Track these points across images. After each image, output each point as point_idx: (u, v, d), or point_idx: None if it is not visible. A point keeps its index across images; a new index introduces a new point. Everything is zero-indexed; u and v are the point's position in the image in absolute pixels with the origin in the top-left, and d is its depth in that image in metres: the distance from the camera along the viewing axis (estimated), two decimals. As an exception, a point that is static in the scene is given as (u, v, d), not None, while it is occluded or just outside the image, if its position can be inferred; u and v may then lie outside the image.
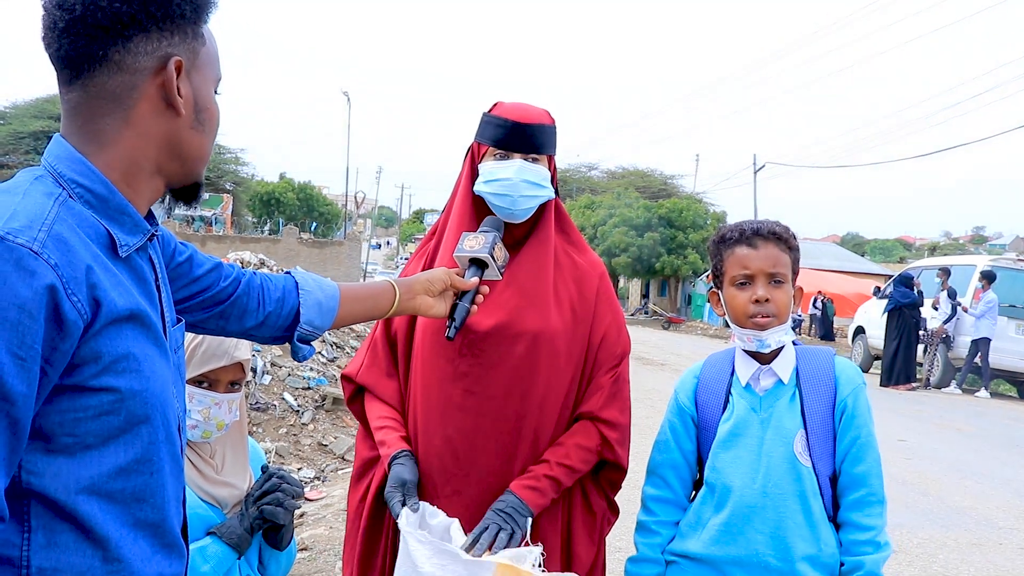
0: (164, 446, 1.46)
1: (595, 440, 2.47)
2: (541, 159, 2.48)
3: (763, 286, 2.37)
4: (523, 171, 2.42)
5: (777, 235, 2.40)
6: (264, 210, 55.48)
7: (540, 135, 2.47)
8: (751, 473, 2.35)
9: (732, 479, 2.38)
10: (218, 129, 1.60)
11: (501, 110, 2.50)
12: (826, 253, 46.60)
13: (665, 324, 36.43)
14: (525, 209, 2.46)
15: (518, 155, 2.44)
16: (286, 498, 2.36)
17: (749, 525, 2.34)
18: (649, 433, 2.79)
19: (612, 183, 55.64)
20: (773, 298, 2.36)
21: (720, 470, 2.41)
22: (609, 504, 2.60)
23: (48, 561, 1.33)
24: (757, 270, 2.38)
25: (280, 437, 8.54)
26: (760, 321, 2.36)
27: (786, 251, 2.40)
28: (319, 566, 5.42)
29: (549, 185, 2.49)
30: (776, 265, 2.37)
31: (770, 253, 2.38)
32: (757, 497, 2.33)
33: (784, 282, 2.38)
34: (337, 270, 40.66)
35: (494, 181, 2.44)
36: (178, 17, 1.46)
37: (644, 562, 2.51)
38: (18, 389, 1.24)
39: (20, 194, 1.35)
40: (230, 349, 2.33)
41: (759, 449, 2.36)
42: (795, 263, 2.42)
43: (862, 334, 19.50)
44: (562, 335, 2.46)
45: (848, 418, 2.35)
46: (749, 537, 2.33)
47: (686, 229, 40.88)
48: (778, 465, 2.33)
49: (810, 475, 2.33)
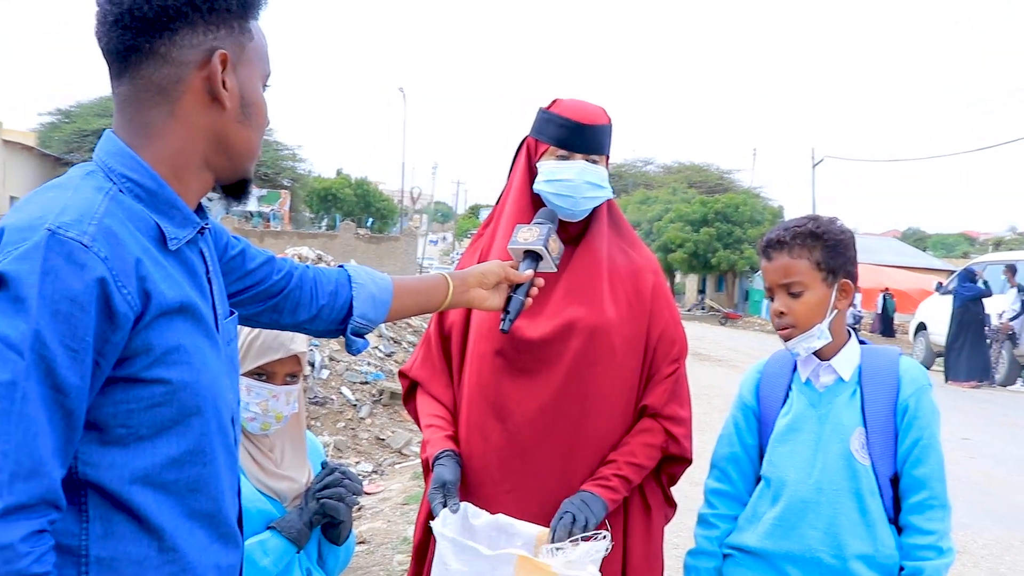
0: (217, 437, 1.47)
1: (660, 437, 2.47)
2: (600, 159, 2.47)
3: (779, 299, 2.35)
4: (585, 172, 2.42)
5: (801, 236, 2.33)
6: (321, 206, 55.96)
7: (600, 136, 2.46)
8: (806, 468, 2.33)
9: (787, 473, 2.35)
10: (267, 124, 1.61)
11: (561, 108, 2.48)
12: (886, 248, 45.91)
13: (722, 320, 36.17)
14: (584, 209, 2.46)
15: (580, 156, 2.44)
16: (347, 494, 2.36)
17: (803, 520, 2.31)
18: (706, 429, 2.77)
19: (668, 178, 55.27)
20: (789, 310, 2.32)
21: (776, 464, 2.39)
22: (666, 497, 2.59)
23: (106, 551, 1.36)
24: (772, 283, 2.36)
25: (338, 431, 8.62)
26: (781, 333, 2.36)
27: (809, 253, 2.32)
28: (377, 559, 5.47)
29: (608, 185, 2.48)
30: (789, 275, 2.32)
31: (782, 264, 2.33)
32: (811, 492, 2.30)
33: (803, 291, 2.31)
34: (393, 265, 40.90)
35: (556, 181, 2.43)
36: (224, 11, 1.47)
37: (702, 555, 2.51)
38: (72, 381, 1.26)
39: (71, 189, 1.37)
40: (286, 342, 2.34)
41: (816, 444, 2.33)
42: (830, 260, 2.32)
43: (924, 330, 19.16)
44: (618, 331, 2.45)
45: (910, 419, 2.29)
46: (803, 532, 2.30)
47: (743, 224, 40.46)
48: (834, 461, 2.30)
49: (867, 474, 2.29)
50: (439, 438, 2.50)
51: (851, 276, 2.36)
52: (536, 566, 2.09)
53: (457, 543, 2.14)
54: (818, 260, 2.31)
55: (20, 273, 1.24)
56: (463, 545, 2.13)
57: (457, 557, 2.13)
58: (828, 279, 2.32)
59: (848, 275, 2.35)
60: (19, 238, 1.27)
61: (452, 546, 2.15)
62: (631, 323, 2.48)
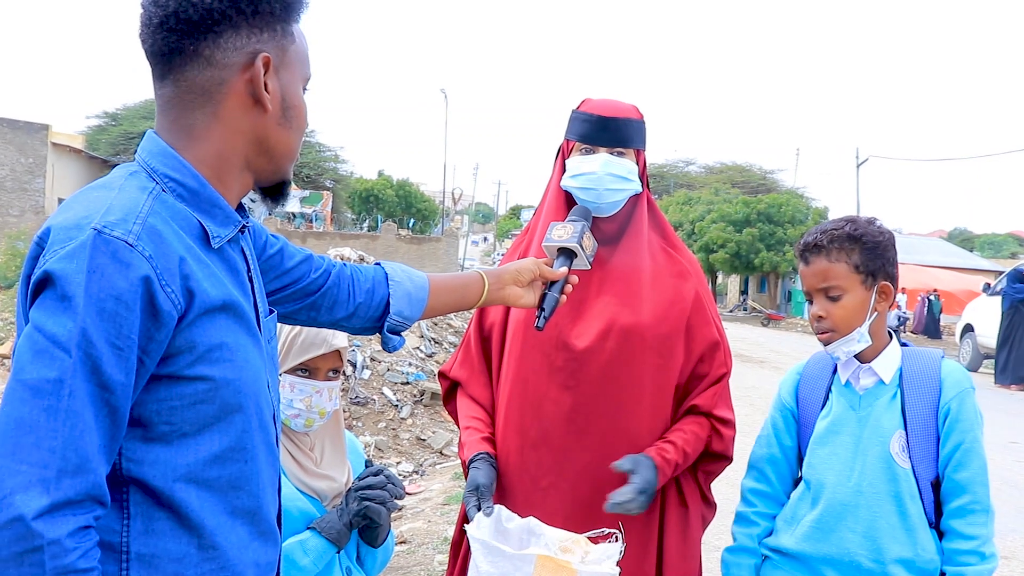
0: (258, 434, 1.49)
1: (707, 431, 2.48)
2: (627, 153, 2.46)
3: (818, 303, 2.32)
4: (608, 165, 2.42)
5: (839, 239, 2.30)
6: (363, 207, 56.26)
7: (625, 128, 2.46)
8: (846, 471, 2.30)
9: (826, 475, 2.33)
10: (306, 127, 1.62)
11: (587, 106, 2.50)
12: (932, 249, 45.33)
13: (764, 321, 35.84)
14: (611, 203, 2.45)
15: (603, 149, 2.44)
16: (389, 499, 2.37)
17: (842, 523, 2.28)
18: (748, 431, 2.75)
19: (710, 178, 54.99)
20: (828, 314, 2.30)
21: (815, 466, 2.37)
22: (703, 496, 2.58)
23: (147, 547, 1.37)
24: (810, 287, 2.34)
25: (379, 431, 8.66)
26: (820, 337, 2.34)
27: (847, 256, 2.28)
28: (418, 559, 5.49)
29: (636, 178, 2.47)
30: (827, 279, 2.29)
31: (819, 268, 2.31)
32: (851, 495, 2.28)
33: (842, 294, 2.28)
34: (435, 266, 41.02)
35: (580, 175, 2.44)
36: (267, 14, 1.48)
37: (741, 551, 2.49)
38: (117, 378, 1.28)
39: (115, 189, 1.39)
40: (328, 337, 2.36)
41: (855, 447, 2.31)
42: (869, 262, 2.28)
43: (971, 332, 18.82)
44: (656, 332, 2.45)
45: (952, 422, 2.25)
46: (841, 535, 2.28)
47: (785, 224, 40.11)
48: (873, 464, 2.27)
49: (907, 477, 2.26)
50: (475, 440, 2.51)
51: (891, 278, 2.33)
52: (557, 564, 2.09)
53: (487, 545, 2.15)
54: (856, 263, 2.28)
55: (67, 272, 1.26)
56: (491, 547, 2.15)
57: (486, 559, 2.14)
58: (867, 282, 2.29)
59: (888, 277, 2.32)
60: (66, 237, 1.29)
61: (482, 548, 2.16)
62: (668, 325, 2.47)
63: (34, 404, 1.24)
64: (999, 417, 11.24)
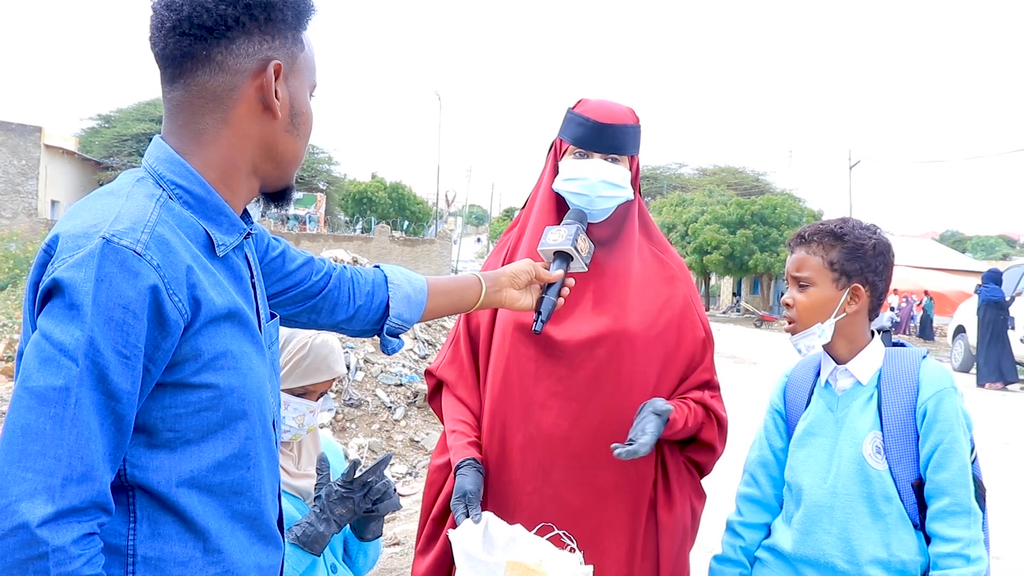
0: (261, 441, 1.50)
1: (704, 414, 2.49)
2: (621, 159, 2.46)
3: (790, 290, 2.36)
4: (602, 171, 2.41)
5: (822, 234, 2.33)
6: (356, 209, 56.18)
7: (621, 136, 2.45)
8: (822, 472, 2.31)
9: (803, 477, 2.35)
10: (311, 134, 1.63)
11: (584, 108, 2.48)
12: (923, 250, 45.36)
13: (757, 322, 35.88)
14: (602, 209, 2.45)
15: (598, 155, 2.44)
16: (387, 510, 2.38)
17: (818, 525, 2.30)
18: (739, 432, 2.76)
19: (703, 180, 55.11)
20: (794, 302, 2.33)
21: (795, 468, 2.39)
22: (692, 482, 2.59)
23: (153, 551, 1.38)
24: (787, 275, 2.39)
25: (373, 433, 8.65)
26: (786, 328, 2.39)
27: (824, 251, 2.31)
28: (410, 561, 5.47)
29: (628, 186, 2.47)
30: (800, 269, 2.33)
31: (798, 257, 2.35)
32: (826, 496, 2.29)
33: (808, 286, 2.31)
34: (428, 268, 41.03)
35: (572, 180, 2.43)
36: (280, 22, 1.49)
37: (726, 561, 2.51)
38: (123, 387, 1.29)
39: (123, 196, 1.40)
40: (333, 364, 2.39)
41: (832, 449, 2.32)
42: (846, 262, 2.29)
43: (962, 333, 18.84)
44: (646, 336, 2.45)
45: (929, 422, 2.23)
46: (818, 537, 2.29)
47: (779, 226, 40.18)
48: (847, 466, 2.27)
49: (881, 478, 2.24)
50: (462, 445, 2.50)
51: (869, 284, 2.32)
52: (527, 570, 2.10)
53: (465, 552, 2.17)
54: (832, 260, 2.30)
55: (75, 280, 1.27)
56: (467, 552, 2.16)
57: (464, 563, 2.16)
58: (839, 280, 2.30)
59: (865, 282, 2.31)
60: (74, 245, 1.30)
61: (460, 553, 2.18)
62: (658, 330, 2.48)
63: (40, 412, 1.24)
64: (991, 418, 11.28)
